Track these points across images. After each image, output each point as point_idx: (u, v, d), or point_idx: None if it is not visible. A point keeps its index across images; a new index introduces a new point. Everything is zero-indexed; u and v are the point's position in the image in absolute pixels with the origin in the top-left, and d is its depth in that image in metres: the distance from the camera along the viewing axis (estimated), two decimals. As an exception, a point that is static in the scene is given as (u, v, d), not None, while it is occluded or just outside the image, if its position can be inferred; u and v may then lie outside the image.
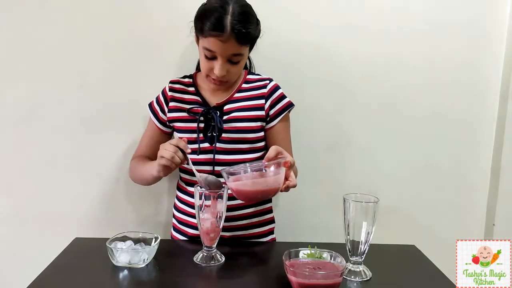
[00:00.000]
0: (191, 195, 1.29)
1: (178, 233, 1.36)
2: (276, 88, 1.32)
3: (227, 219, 1.26)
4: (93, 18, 1.46)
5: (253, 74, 1.37)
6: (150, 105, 1.38)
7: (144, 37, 1.47)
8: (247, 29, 1.17)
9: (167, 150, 1.13)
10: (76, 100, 1.49)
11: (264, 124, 1.31)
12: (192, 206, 1.30)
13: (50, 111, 1.49)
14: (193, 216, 1.21)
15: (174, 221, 1.39)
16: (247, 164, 1.11)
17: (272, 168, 1.08)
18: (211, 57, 1.21)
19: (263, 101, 1.30)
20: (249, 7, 1.22)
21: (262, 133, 1.31)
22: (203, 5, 1.23)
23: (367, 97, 1.55)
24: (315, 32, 1.51)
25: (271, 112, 1.30)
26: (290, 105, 1.32)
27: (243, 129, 1.28)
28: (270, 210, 1.39)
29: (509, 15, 1.52)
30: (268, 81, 1.32)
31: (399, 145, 1.58)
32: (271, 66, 1.45)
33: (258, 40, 1.28)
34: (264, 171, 1.08)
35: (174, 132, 1.35)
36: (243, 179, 1.08)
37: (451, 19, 1.53)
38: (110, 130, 1.50)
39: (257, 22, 1.24)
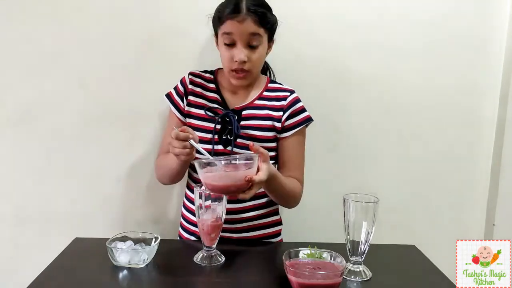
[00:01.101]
0: None
1: (186, 233, 1.36)
2: (296, 101, 1.31)
3: (233, 221, 1.27)
4: (93, 18, 1.46)
5: (275, 82, 1.36)
6: (169, 96, 1.33)
7: (145, 37, 1.47)
8: (261, 10, 1.20)
9: (173, 147, 1.10)
10: (76, 100, 1.49)
11: (278, 134, 1.30)
12: None
13: (50, 111, 1.49)
14: None
15: (183, 220, 1.38)
16: (222, 157, 1.09)
17: (242, 161, 1.04)
18: (230, 43, 1.21)
19: (281, 113, 1.29)
20: None
21: (275, 143, 1.30)
22: (221, 2, 1.25)
23: (367, 98, 1.55)
24: (316, 33, 1.51)
25: (287, 123, 1.29)
26: (308, 120, 1.31)
27: (258, 137, 1.27)
28: (276, 212, 1.38)
29: (509, 18, 1.52)
30: (288, 93, 1.31)
31: (399, 145, 1.58)
32: (273, 69, 1.45)
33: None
34: (235, 163, 1.04)
35: None
36: (213, 172, 1.03)
37: (451, 22, 1.53)
38: (110, 130, 1.50)
39: (273, 14, 1.25)
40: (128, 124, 1.50)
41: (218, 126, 1.27)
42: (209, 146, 1.25)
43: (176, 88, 1.33)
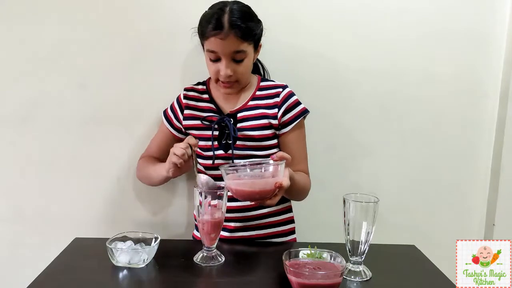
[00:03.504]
0: None
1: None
2: (290, 95, 1.31)
3: (244, 219, 1.28)
4: (93, 18, 1.46)
5: (267, 80, 1.37)
6: (165, 113, 1.39)
7: (145, 38, 1.47)
8: (245, 23, 1.19)
9: (178, 147, 1.16)
10: (76, 100, 1.49)
11: (276, 131, 1.30)
12: None
13: (50, 111, 1.49)
14: None
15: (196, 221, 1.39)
16: (247, 162, 1.12)
17: (270, 169, 1.07)
18: (215, 59, 1.22)
19: (276, 110, 1.29)
20: (247, 7, 1.24)
21: (275, 140, 1.31)
22: (204, 13, 1.24)
23: (367, 97, 1.55)
24: (315, 34, 1.50)
25: (284, 118, 1.29)
26: (304, 112, 1.31)
27: (256, 137, 1.28)
28: (289, 209, 1.38)
29: (509, 17, 1.52)
30: (281, 89, 1.31)
31: (399, 145, 1.58)
32: (271, 68, 1.45)
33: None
34: (261, 171, 1.08)
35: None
36: (240, 179, 1.07)
37: (451, 20, 1.52)
38: (110, 130, 1.50)
39: (258, 21, 1.25)
40: (128, 124, 1.50)
41: (216, 132, 1.28)
42: (210, 153, 1.28)
43: (171, 105, 1.38)
